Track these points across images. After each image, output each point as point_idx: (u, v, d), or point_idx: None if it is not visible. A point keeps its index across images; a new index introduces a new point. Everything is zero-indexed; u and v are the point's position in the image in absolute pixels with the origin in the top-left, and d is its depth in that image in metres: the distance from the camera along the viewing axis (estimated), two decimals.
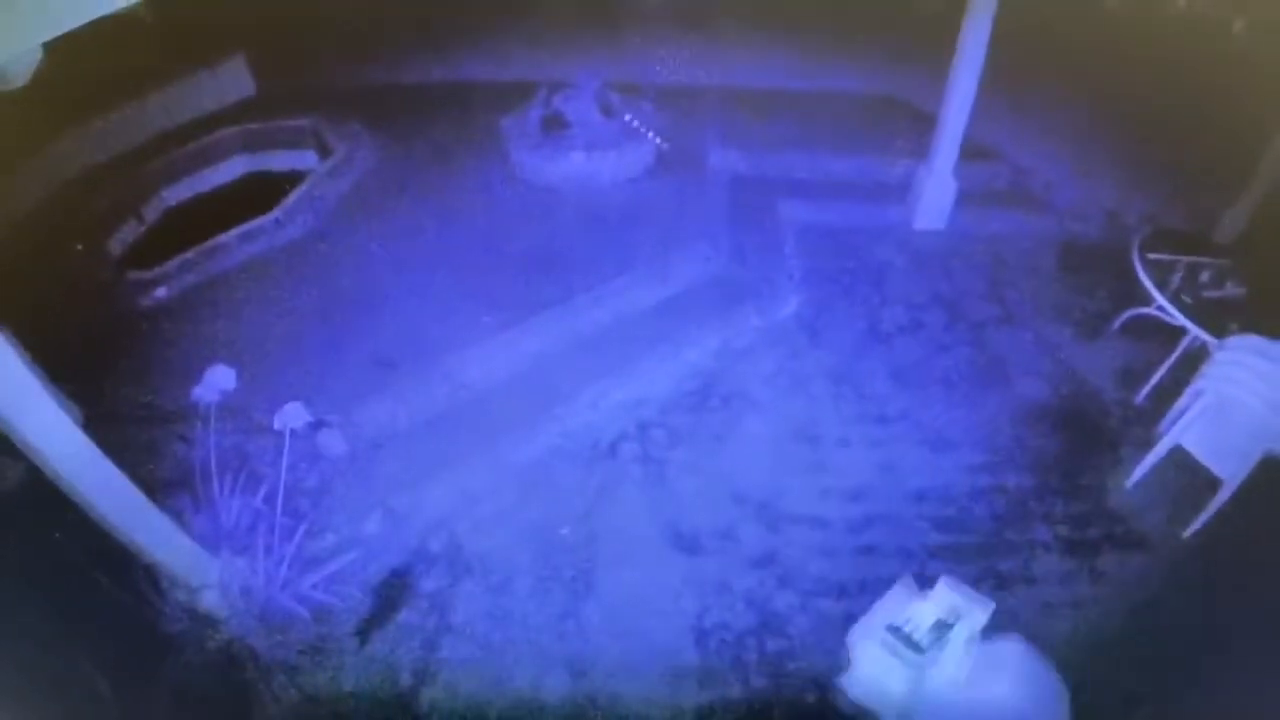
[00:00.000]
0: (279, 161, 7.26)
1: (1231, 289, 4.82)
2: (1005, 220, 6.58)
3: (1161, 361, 4.97)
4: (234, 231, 5.86)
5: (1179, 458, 4.35)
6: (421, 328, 5.10)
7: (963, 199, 6.35)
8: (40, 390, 2.93)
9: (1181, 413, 4.36)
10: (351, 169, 6.65)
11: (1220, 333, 4.47)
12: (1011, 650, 3.40)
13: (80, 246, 5.84)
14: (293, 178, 6.64)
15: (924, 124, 6.42)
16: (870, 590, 3.85)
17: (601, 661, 3.87)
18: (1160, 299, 4.81)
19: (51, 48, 2.60)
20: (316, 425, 4.29)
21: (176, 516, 3.66)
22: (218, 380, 3.77)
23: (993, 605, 3.29)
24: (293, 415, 3.85)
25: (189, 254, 5.68)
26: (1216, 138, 5.94)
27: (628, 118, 6.73)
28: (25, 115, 4.26)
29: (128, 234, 6.34)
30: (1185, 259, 4.97)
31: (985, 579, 4.11)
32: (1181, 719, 3.52)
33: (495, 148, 6.69)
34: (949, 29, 5.58)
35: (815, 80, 7.73)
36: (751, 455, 4.84)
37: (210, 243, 5.77)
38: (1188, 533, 4.29)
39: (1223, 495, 4.15)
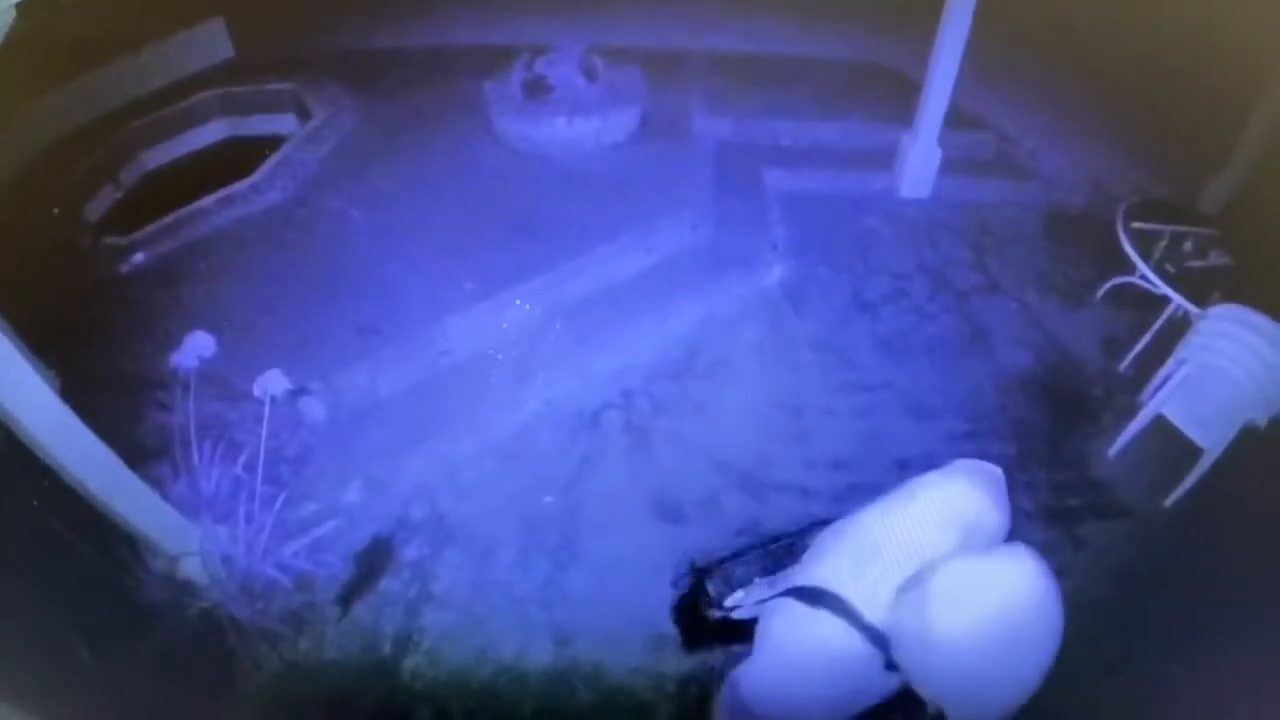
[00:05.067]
0: (259, 126, 7.13)
1: (1216, 259, 4.84)
2: (990, 189, 6.58)
3: (1145, 331, 5.00)
4: (213, 196, 5.77)
5: (1161, 427, 4.37)
6: (403, 294, 5.04)
7: (948, 167, 6.34)
8: (16, 357, 2.88)
9: (1164, 382, 4.38)
10: (332, 133, 6.54)
11: (1203, 302, 4.50)
12: None
13: (56, 211, 5.71)
14: (273, 142, 6.56)
15: (909, 92, 6.38)
16: None
17: (584, 630, 3.88)
18: (1144, 268, 4.82)
19: (24, 9, 2.54)
20: (297, 392, 4.23)
21: (156, 484, 3.62)
22: (197, 347, 3.70)
23: None
24: (273, 382, 3.79)
25: (167, 219, 5.58)
26: (1203, 107, 5.94)
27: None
28: None
29: (105, 199, 6.21)
30: (1170, 228, 4.99)
31: None
32: (1161, 687, 3.56)
33: (477, 113, 6.59)
34: None
35: (801, 46, 7.67)
36: (735, 424, 4.83)
37: (189, 208, 5.67)
38: (1169, 501, 4.33)
39: (1204, 464, 4.19)
